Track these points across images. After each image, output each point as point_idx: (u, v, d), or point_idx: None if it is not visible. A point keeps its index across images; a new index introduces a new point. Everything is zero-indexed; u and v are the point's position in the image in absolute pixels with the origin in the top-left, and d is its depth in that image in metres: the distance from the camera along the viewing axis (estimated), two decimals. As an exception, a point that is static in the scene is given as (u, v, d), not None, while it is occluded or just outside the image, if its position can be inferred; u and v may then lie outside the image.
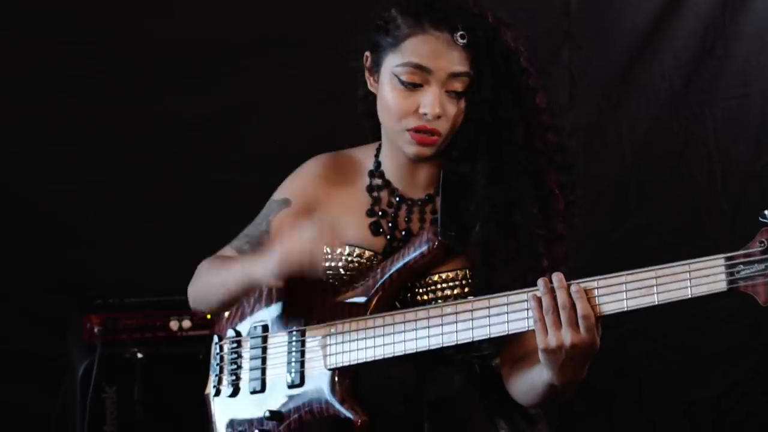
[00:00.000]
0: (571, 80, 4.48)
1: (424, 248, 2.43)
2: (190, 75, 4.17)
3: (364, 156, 2.65)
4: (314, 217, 2.59)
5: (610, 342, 2.20)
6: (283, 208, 2.65)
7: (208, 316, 3.59)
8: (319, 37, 4.22)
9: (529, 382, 2.33)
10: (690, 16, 4.56)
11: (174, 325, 3.80)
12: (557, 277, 2.16)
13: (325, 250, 2.56)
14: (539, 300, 2.17)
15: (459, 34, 2.35)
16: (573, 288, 2.14)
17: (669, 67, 4.57)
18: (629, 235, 4.62)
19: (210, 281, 2.65)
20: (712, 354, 4.67)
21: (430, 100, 2.36)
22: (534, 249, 2.38)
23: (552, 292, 2.15)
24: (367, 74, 2.52)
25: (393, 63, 2.40)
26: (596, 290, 2.12)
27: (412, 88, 2.38)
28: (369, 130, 2.65)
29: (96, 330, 3.70)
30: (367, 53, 2.50)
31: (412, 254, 2.45)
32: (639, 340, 4.42)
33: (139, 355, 3.71)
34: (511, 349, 2.43)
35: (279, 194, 2.69)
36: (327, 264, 2.58)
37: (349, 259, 2.55)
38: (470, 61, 2.37)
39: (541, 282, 2.18)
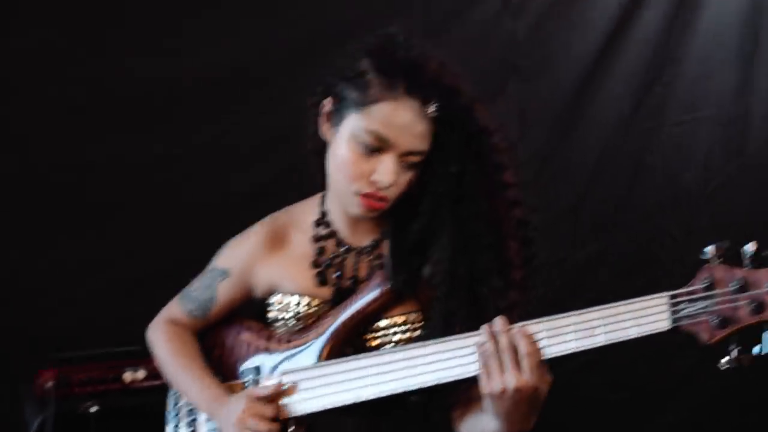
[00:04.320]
0: (520, 111, 4.48)
1: (375, 293, 2.44)
2: (140, 121, 4.14)
3: (306, 209, 2.65)
4: (253, 281, 2.64)
5: (565, 375, 2.18)
6: (225, 278, 2.68)
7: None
8: (267, 80, 4.21)
9: (479, 429, 2.31)
10: (636, 44, 4.58)
11: (128, 376, 3.75)
12: (499, 321, 2.15)
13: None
14: (483, 346, 2.16)
15: (432, 107, 2.32)
16: (515, 330, 2.13)
17: (616, 94, 4.59)
18: (583, 263, 4.63)
19: (167, 371, 2.74)
20: (667, 382, 4.68)
21: (385, 169, 2.34)
22: None
23: (494, 337, 2.14)
24: (323, 119, 2.47)
25: (357, 124, 2.36)
26: (543, 332, 2.11)
27: (369, 153, 2.35)
28: (316, 169, 2.63)
29: (49, 385, 3.65)
30: (329, 100, 2.45)
31: (363, 300, 2.45)
32: (594, 371, 4.41)
33: (94, 409, 3.66)
34: (462, 393, 2.41)
35: (221, 262, 2.70)
36: (276, 315, 2.58)
37: (298, 309, 2.54)
38: (433, 135, 2.35)
39: (483, 328, 2.17)
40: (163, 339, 2.75)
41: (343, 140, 2.39)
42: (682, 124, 4.66)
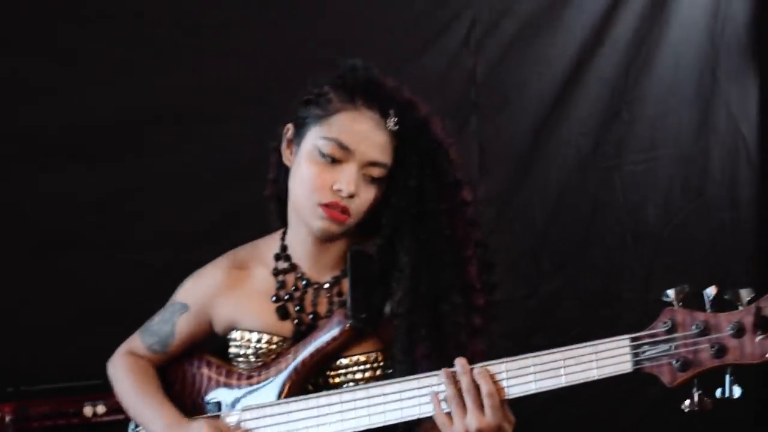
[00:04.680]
0: (480, 150, 4.48)
1: (335, 331, 2.43)
2: (92, 152, 4.11)
3: (267, 244, 2.65)
4: (213, 316, 2.63)
5: (530, 410, 2.18)
6: (184, 313, 2.67)
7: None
8: (227, 113, 4.20)
9: None
10: (595, 83, 4.60)
11: (88, 410, 3.70)
12: (460, 363, 2.15)
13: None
14: (436, 395, 2.17)
15: (392, 119, 2.36)
16: (476, 370, 2.13)
17: (576, 133, 4.60)
18: (545, 300, 4.62)
19: (127, 402, 2.73)
20: (634, 417, 4.67)
21: (346, 178, 2.36)
22: (458, 341, 2.35)
23: (453, 380, 2.14)
24: (284, 146, 2.51)
25: (318, 134, 2.39)
26: (504, 373, 2.12)
27: (330, 163, 2.38)
28: (275, 215, 2.65)
29: (7, 419, 3.61)
30: (290, 125, 2.50)
31: (323, 338, 2.45)
32: (560, 407, 4.40)
33: (53, 444, 3.63)
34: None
35: (181, 296, 2.70)
36: (236, 351, 2.57)
37: (258, 345, 2.54)
38: (393, 149, 2.39)
39: (442, 372, 2.17)
40: (123, 370, 2.74)
41: (304, 156, 2.43)
42: (641, 163, 4.67)
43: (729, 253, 4.71)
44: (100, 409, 3.73)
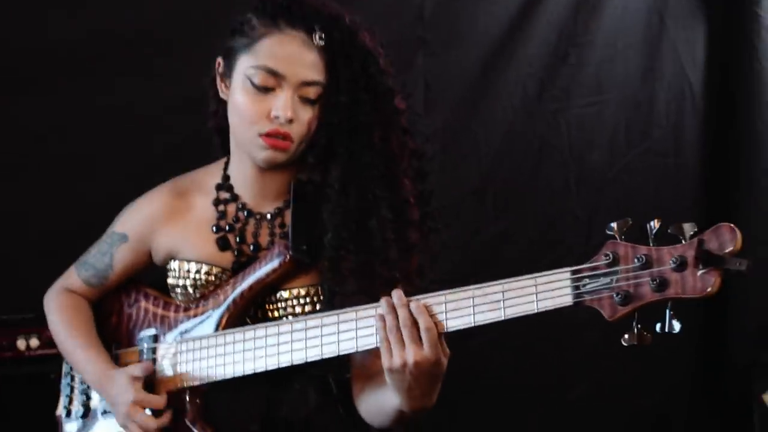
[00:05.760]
0: (426, 86, 4.45)
1: (276, 263, 2.40)
2: (40, 81, 4.03)
3: (210, 173, 2.61)
4: (152, 246, 2.60)
5: (467, 352, 2.16)
6: (123, 243, 2.64)
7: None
8: (171, 46, 4.14)
9: (379, 404, 2.29)
10: (543, 24, 4.57)
11: (21, 344, 3.67)
12: (397, 295, 2.13)
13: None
14: (384, 318, 2.14)
15: (317, 35, 2.33)
16: (413, 304, 2.11)
17: (523, 74, 4.58)
18: (488, 243, 4.61)
19: (59, 341, 2.72)
20: (571, 360, 4.70)
21: (282, 104, 2.33)
22: (386, 257, 2.34)
23: (394, 310, 2.12)
24: (219, 81, 2.48)
25: (246, 64, 2.37)
26: (444, 305, 2.09)
27: (264, 92, 2.35)
28: (219, 146, 2.62)
29: (-60, 350, 3.58)
30: (219, 59, 2.46)
31: (263, 269, 2.42)
32: (497, 350, 4.41)
33: (-15, 375, 3.59)
34: (363, 366, 2.40)
35: (119, 226, 2.66)
36: (174, 281, 2.54)
37: (197, 276, 2.51)
38: (325, 66, 2.35)
39: (383, 301, 2.14)
40: (56, 308, 2.72)
41: (237, 87, 2.40)
42: (587, 106, 4.67)
43: (672, 199, 4.70)
44: (34, 342, 3.70)
